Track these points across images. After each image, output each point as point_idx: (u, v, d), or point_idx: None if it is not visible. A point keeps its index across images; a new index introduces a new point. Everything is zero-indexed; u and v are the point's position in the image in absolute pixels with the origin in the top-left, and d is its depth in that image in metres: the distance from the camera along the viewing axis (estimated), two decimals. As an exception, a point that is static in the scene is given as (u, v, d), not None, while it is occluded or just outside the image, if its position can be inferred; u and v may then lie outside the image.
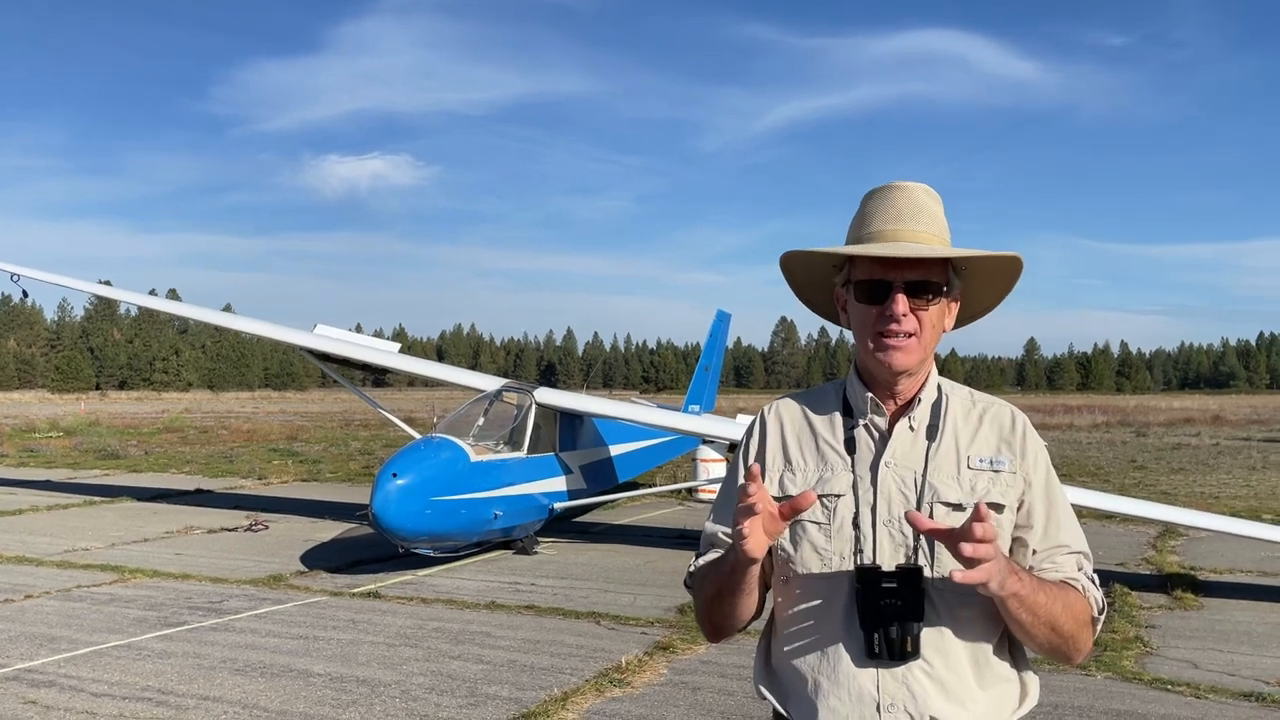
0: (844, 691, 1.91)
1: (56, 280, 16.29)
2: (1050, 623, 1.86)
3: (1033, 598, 1.83)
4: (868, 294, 1.97)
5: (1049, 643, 1.90)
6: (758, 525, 1.79)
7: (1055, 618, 1.87)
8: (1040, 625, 1.86)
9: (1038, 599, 1.84)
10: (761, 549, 1.82)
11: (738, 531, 1.80)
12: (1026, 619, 1.84)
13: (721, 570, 1.96)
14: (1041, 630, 1.87)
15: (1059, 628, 1.88)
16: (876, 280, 1.95)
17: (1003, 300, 2.13)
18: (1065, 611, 1.88)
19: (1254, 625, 8.35)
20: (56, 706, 5.98)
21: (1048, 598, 1.86)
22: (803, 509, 1.79)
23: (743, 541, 1.79)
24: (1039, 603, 1.84)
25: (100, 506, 15.27)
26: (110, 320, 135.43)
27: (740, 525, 1.79)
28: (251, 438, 31.88)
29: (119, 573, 10.03)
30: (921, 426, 2.01)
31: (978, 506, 1.72)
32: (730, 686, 6.43)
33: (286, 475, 20.50)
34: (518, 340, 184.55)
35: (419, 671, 6.75)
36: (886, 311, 1.94)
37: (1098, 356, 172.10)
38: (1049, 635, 1.88)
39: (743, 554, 1.82)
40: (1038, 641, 1.90)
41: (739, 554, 1.83)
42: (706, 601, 2.04)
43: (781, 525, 1.82)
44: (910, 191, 2.01)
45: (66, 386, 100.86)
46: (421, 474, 10.24)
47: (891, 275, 1.94)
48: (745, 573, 1.91)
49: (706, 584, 2.03)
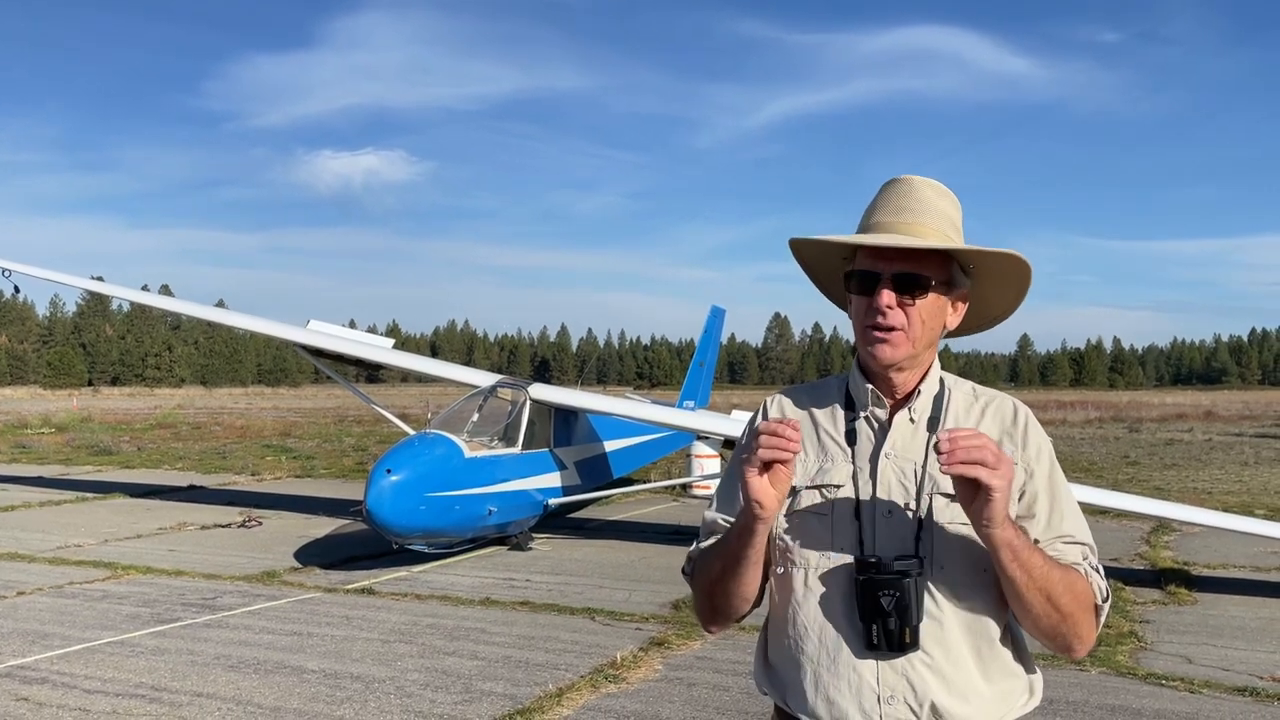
0: (844, 683, 1.90)
1: (49, 276, 16.21)
2: (1046, 590, 1.83)
3: (1028, 556, 1.81)
4: (859, 285, 1.97)
5: (1046, 618, 1.86)
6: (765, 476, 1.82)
7: (1052, 586, 1.83)
8: (1035, 590, 1.83)
9: (1034, 559, 1.82)
10: (773, 505, 1.84)
11: (746, 481, 1.82)
12: (1020, 577, 1.81)
13: (728, 541, 1.96)
14: (1036, 598, 1.83)
15: (1056, 600, 1.84)
16: (866, 271, 1.96)
17: (1017, 306, 2.11)
18: (1063, 583, 1.86)
19: (1247, 620, 8.37)
20: (49, 703, 5.95)
21: (1044, 562, 1.84)
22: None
23: (752, 492, 1.81)
24: (1034, 563, 1.82)
25: (93, 503, 15.22)
26: (103, 316, 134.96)
27: (750, 479, 1.81)
28: (245, 434, 31.81)
29: (112, 569, 10.00)
30: (922, 418, 2.01)
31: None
32: (725, 682, 6.43)
33: (280, 471, 20.46)
34: (512, 336, 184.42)
35: (414, 668, 6.74)
36: (873, 304, 1.94)
37: (1090, 352, 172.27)
38: (1045, 606, 1.84)
39: (753, 511, 1.83)
40: (1034, 614, 1.86)
41: (749, 514, 1.84)
42: (710, 581, 2.02)
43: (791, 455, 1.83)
44: (914, 186, 2.00)
45: (59, 382, 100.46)
46: (416, 470, 10.22)
47: (880, 267, 1.94)
48: (754, 535, 1.89)
49: (712, 560, 2.01)
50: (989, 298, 2.09)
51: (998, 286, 2.07)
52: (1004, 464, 1.76)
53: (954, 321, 2.04)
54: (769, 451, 1.80)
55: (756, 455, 1.81)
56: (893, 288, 1.93)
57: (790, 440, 1.80)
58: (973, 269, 2.02)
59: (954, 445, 1.74)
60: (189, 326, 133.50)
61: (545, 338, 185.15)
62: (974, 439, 1.75)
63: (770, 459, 1.81)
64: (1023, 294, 2.08)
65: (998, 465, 1.74)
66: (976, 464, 1.73)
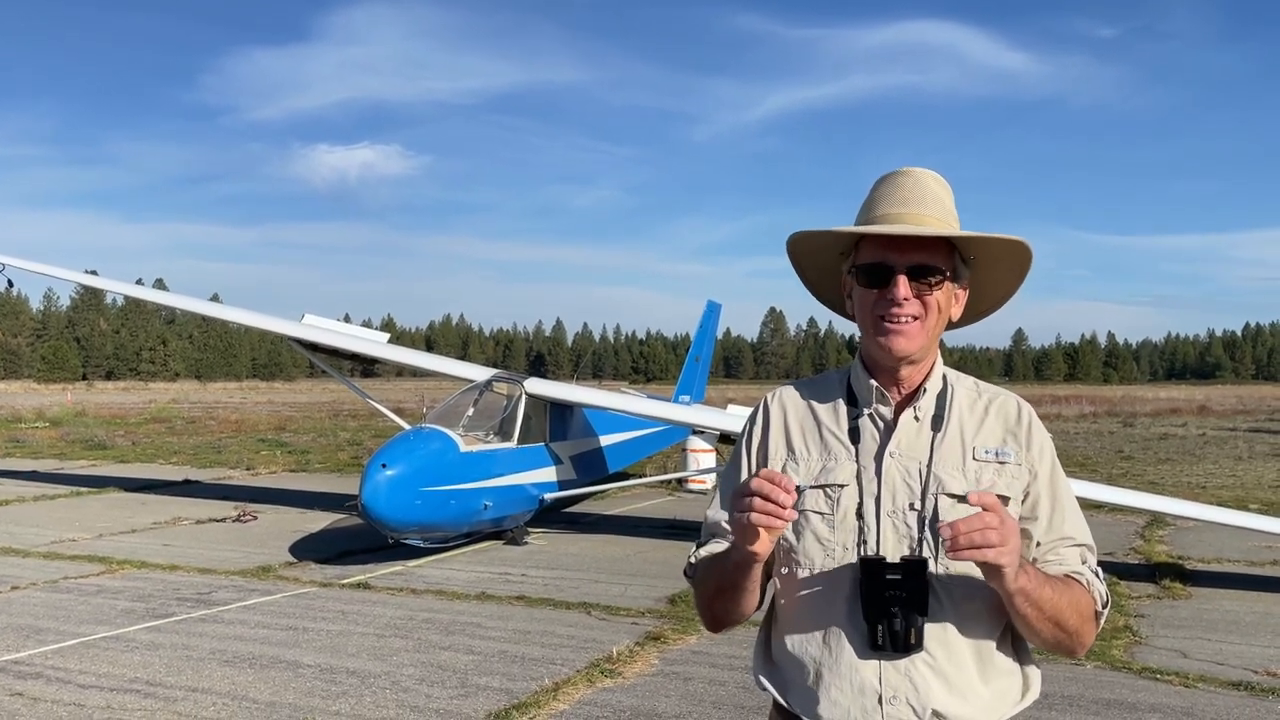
0: (846, 683, 1.89)
1: (42, 269, 16.14)
2: (1055, 619, 1.85)
3: (1038, 593, 1.81)
4: (870, 277, 1.94)
5: (1053, 638, 1.88)
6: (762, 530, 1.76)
7: (1060, 613, 1.85)
8: (1045, 621, 1.84)
9: (1043, 594, 1.82)
10: (766, 548, 1.80)
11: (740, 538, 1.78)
12: (1032, 615, 1.82)
13: (724, 567, 1.93)
14: (1046, 626, 1.85)
15: (1064, 623, 1.86)
16: (879, 263, 1.93)
17: (1013, 294, 2.10)
18: (1071, 607, 1.87)
19: (1242, 614, 8.39)
20: (44, 698, 5.94)
21: (1054, 593, 1.84)
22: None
23: (748, 548, 1.78)
24: (1044, 598, 1.82)
25: (87, 497, 15.19)
26: (97, 310, 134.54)
27: (740, 532, 1.78)
28: (239, 428, 31.75)
29: (106, 564, 9.97)
30: (927, 417, 1.99)
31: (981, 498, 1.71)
32: (721, 677, 6.43)
33: (275, 466, 20.42)
34: (507, 331, 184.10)
35: (409, 663, 6.73)
36: (888, 295, 1.92)
37: (1085, 347, 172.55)
38: (1054, 631, 1.86)
39: (746, 552, 1.80)
40: (1042, 637, 1.88)
41: (743, 552, 1.81)
42: (708, 596, 2.01)
43: (784, 524, 1.78)
44: (918, 177, 1.99)
45: (52, 377, 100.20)
46: (411, 465, 10.20)
47: (894, 258, 1.92)
48: (749, 571, 1.88)
49: (709, 579, 2.00)
50: (985, 288, 2.08)
51: (997, 276, 2.06)
52: (1009, 533, 1.71)
53: (957, 312, 2.03)
54: (761, 518, 1.72)
55: (748, 518, 1.74)
56: (908, 278, 1.91)
57: (783, 509, 1.72)
58: (973, 259, 2.01)
59: (955, 535, 1.69)
60: (183, 321, 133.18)
61: (540, 332, 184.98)
62: (974, 523, 1.69)
63: (762, 525, 1.73)
64: (1019, 282, 2.07)
65: (1004, 541, 1.70)
66: (982, 548, 1.69)
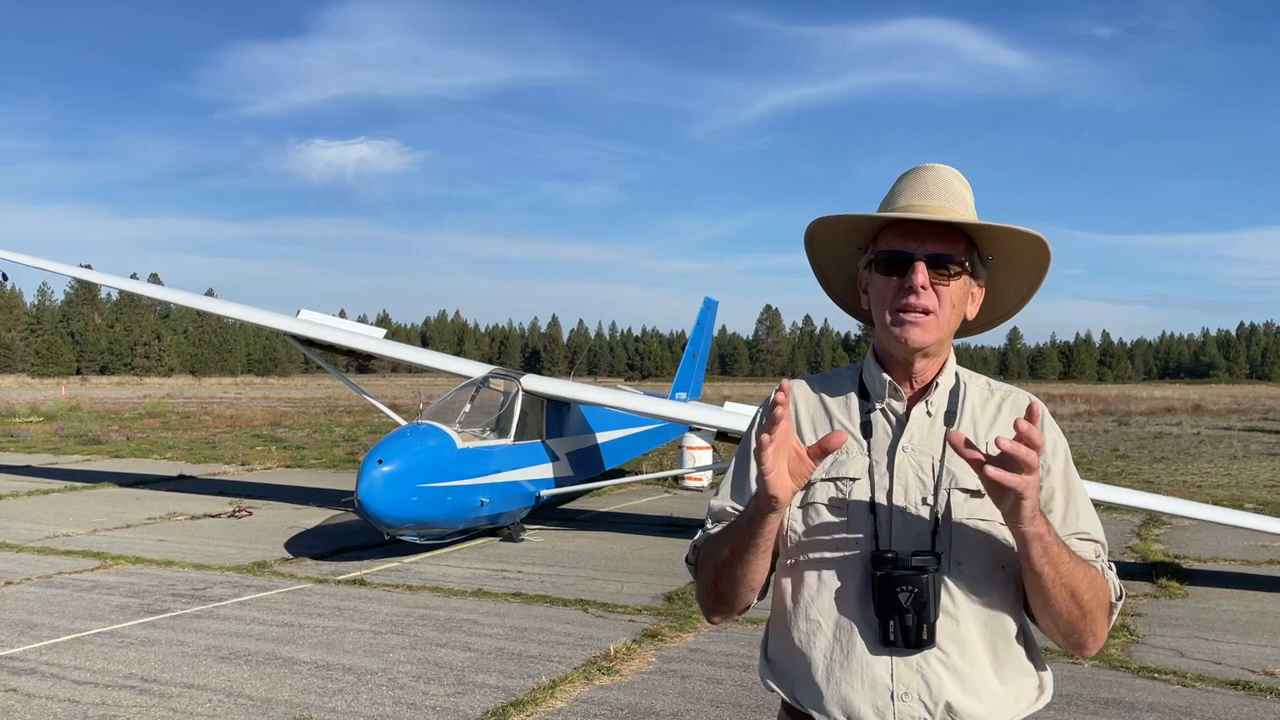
0: (857, 679, 1.87)
1: (36, 263, 16.08)
2: (1071, 587, 1.81)
3: (1057, 549, 1.78)
4: (888, 266, 1.93)
5: (1067, 614, 1.84)
6: (783, 463, 1.75)
7: (1077, 582, 1.81)
8: (1061, 587, 1.80)
9: (1062, 554, 1.79)
10: (787, 491, 1.77)
11: (762, 469, 1.75)
12: (1048, 573, 1.78)
13: (738, 527, 1.89)
14: (1061, 594, 1.81)
15: (1079, 596, 1.82)
16: (898, 251, 1.92)
17: (1028, 299, 2.08)
18: (1086, 580, 1.83)
19: (1239, 613, 8.39)
20: (38, 694, 5.91)
21: (1071, 558, 1.81)
22: (832, 448, 1.75)
23: (767, 479, 1.74)
24: (1062, 558, 1.79)
25: (81, 492, 15.14)
26: (91, 304, 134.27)
27: (765, 462, 1.74)
28: (234, 423, 31.69)
29: (101, 559, 9.94)
30: (939, 412, 1.98)
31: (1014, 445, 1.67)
32: (719, 674, 6.41)
33: (270, 461, 20.37)
34: (503, 327, 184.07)
35: (406, 659, 6.70)
36: (906, 283, 1.90)
37: (1080, 346, 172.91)
38: (1068, 603, 1.82)
39: (766, 496, 1.77)
40: (1056, 610, 1.83)
41: (762, 498, 1.78)
42: (717, 566, 1.94)
43: (809, 467, 1.78)
44: (940, 172, 2.00)
45: (47, 371, 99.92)
46: (407, 461, 10.17)
47: (913, 247, 1.91)
48: (765, 523, 1.82)
49: (719, 546, 1.94)
50: (1003, 291, 2.08)
51: (1014, 277, 2.06)
52: (1037, 471, 1.71)
53: (973, 312, 2.02)
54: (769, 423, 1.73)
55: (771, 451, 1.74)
56: (926, 267, 1.90)
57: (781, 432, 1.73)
58: (991, 260, 2.00)
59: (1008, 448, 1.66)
60: (178, 316, 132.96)
61: (536, 329, 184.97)
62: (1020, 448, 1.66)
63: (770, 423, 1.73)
64: (1037, 285, 2.06)
65: (1034, 473, 1.70)
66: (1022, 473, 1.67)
